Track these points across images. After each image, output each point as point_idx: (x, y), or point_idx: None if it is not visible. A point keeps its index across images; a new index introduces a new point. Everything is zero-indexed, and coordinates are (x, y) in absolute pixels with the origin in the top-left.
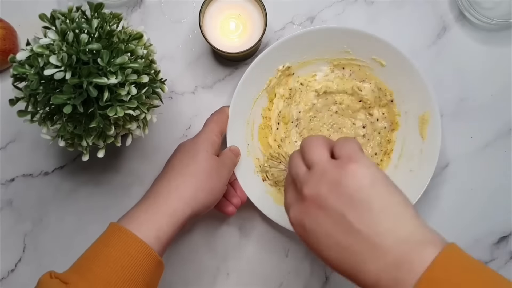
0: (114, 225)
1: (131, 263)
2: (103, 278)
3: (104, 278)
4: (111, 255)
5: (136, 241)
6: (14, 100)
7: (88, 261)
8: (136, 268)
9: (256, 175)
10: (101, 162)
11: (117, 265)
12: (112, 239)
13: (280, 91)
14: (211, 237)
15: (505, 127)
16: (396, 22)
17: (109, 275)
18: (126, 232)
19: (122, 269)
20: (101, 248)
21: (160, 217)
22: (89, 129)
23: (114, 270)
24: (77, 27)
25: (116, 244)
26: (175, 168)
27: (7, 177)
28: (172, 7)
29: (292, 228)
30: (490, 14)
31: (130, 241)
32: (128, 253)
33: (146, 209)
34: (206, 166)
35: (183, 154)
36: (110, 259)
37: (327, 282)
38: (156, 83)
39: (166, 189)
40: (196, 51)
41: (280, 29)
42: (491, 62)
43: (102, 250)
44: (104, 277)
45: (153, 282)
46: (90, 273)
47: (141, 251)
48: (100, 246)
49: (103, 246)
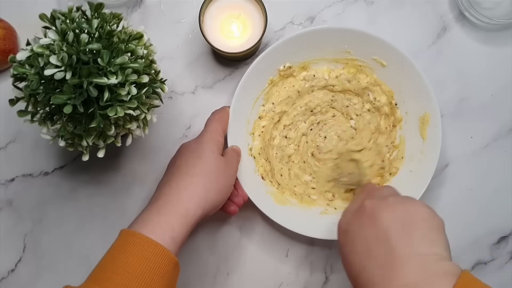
0: (126, 231)
1: (150, 267)
2: (123, 285)
3: (125, 285)
4: (129, 261)
5: (152, 244)
6: (14, 100)
7: (105, 270)
8: (155, 271)
9: (256, 175)
10: (101, 162)
11: (136, 270)
12: (127, 245)
13: (280, 91)
14: (211, 237)
15: (505, 127)
16: (396, 22)
17: (129, 282)
18: (141, 236)
19: (141, 274)
20: (117, 256)
21: (173, 218)
22: (89, 129)
23: (133, 276)
24: (77, 27)
25: (132, 250)
26: (181, 169)
27: (7, 177)
28: (172, 7)
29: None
30: (490, 14)
31: (146, 245)
32: (146, 257)
33: (158, 211)
34: (214, 166)
35: (188, 155)
36: (128, 266)
37: (327, 282)
38: (156, 83)
39: (175, 191)
40: (196, 51)
41: (280, 29)
42: (491, 62)
43: (119, 258)
44: (125, 284)
45: (171, 284)
46: (109, 282)
47: (158, 253)
48: (116, 254)
49: (119, 253)
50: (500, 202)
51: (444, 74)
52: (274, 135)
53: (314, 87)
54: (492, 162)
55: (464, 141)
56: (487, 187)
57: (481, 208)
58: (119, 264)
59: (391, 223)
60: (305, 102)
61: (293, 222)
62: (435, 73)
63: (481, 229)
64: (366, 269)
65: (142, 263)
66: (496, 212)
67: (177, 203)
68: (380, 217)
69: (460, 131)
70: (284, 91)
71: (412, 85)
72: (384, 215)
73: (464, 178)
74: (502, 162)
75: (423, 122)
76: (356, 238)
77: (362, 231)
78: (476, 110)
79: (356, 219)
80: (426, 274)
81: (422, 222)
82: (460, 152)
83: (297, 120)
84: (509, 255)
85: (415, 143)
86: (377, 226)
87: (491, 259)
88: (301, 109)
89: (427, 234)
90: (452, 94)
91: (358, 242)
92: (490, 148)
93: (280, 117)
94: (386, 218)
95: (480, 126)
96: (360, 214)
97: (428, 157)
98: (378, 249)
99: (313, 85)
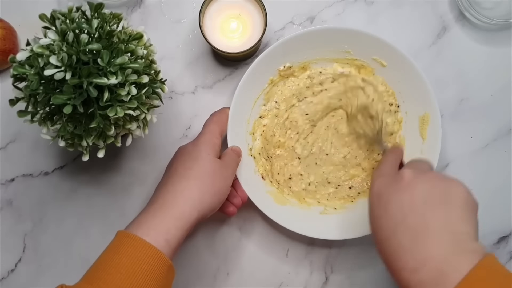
0: (122, 233)
1: (143, 269)
2: (115, 285)
3: (117, 285)
4: (122, 262)
5: (146, 246)
6: (14, 100)
7: (98, 270)
8: (148, 273)
9: (256, 175)
10: (101, 162)
11: (129, 271)
12: (121, 247)
13: (280, 91)
14: (211, 237)
15: (505, 127)
16: (396, 22)
17: (121, 282)
18: (135, 238)
19: (134, 275)
20: (111, 256)
21: (168, 221)
22: (89, 129)
23: (126, 277)
24: (77, 27)
25: (126, 251)
26: (178, 172)
27: (7, 177)
28: (172, 7)
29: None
30: (490, 14)
31: (140, 247)
32: (139, 259)
33: (153, 214)
34: (210, 169)
35: (185, 157)
36: (121, 266)
37: (327, 282)
38: (156, 83)
39: (172, 193)
40: (196, 51)
41: (280, 29)
42: (491, 62)
43: (112, 258)
44: (117, 284)
45: (165, 287)
46: (102, 282)
47: (152, 255)
48: (110, 255)
49: (113, 254)
50: (500, 202)
51: (444, 74)
52: (275, 135)
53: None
54: (492, 162)
55: (464, 141)
56: (487, 187)
57: (481, 208)
58: (113, 264)
59: (430, 196)
60: (307, 106)
61: (293, 222)
62: (435, 73)
63: (481, 229)
64: (397, 234)
65: (135, 264)
66: (496, 212)
67: (172, 206)
68: (420, 187)
69: (460, 131)
70: (287, 89)
71: (413, 85)
72: (424, 186)
73: (464, 178)
74: (502, 162)
75: (423, 122)
76: (390, 203)
77: (398, 197)
78: (476, 110)
79: (394, 184)
80: (454, 249)
81: (460, 201)
82: (460, 152)
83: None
84: (509, 255)
85: (415, 143)
86: (415, 195)
87: None
88: (302, 112)
89: (462, 213)
90: (452, 94)
91: (392, 207)
92: (490, 148)
93: (281, 118)
94: (425, 190)
95: (480, 126)
96: (398, 180)
97: (428, 157)
98: (412, 217)
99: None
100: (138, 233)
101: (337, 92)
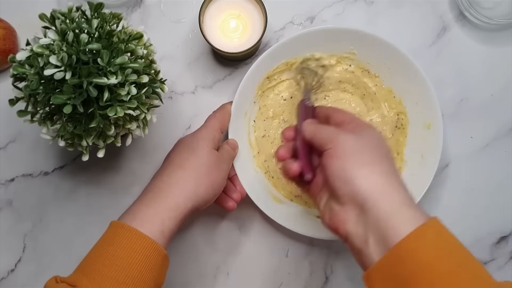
0: (116, 223)
1: (138, 260)
2: (111, 277)
3: (112, 277)
4: (117, 253)
5: (140, 237)
6: (14, 100)
7: (93, 261)
8: (143, 264)
9: (256, 172)
10: (101, 162)
11: (124, 262)
12: (116, 238)
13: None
14: (211, 237)
15: (505, 127)
16: (396, 22)
17: (117, 273)
18: (130, 229)
19: (129, 267)
20: (106, 248)
21: (162, 211)
22: (89, 129)
23: (121, 268)
24: (77, 27)
25: (120, 242)
26: (175, 162)
27: (7, 177)
28: (172, 7)
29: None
30: (490, 14)
31: (135, 238)
32: (134, 250)
33: (148, 204)
34: (206, 160)
35: (183, 148)
36: (116, 258)
37: (327, 282)
38: (156, 83)
39: (166, 184)
40: (196, 51)
41: (280, 29)
42: (491, 62)
43: (107, 249)
44: (112, 276)
45: (160, 277)
46: (97, 273)
47: (147, 246)
48: (105, 246)
49: (108, 245)
50: (500, 202)
51: (444, 74)
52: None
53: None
54: (492, 162)
55: (464, 141)
56: (487, 187)
57: (481, 208)
58: (108, 256)
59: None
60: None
61: (293, 222)
62: (435, 73)
63: (481, 229)
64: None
65: (131, 255)
66: (496, 212)
67: (167, 196)
68: (363, 128)
69: (460, 131)
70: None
71: (413, 86)
72: (365, 129)
73: (464, 178)
74: (502, 162)
75: (424, 124)
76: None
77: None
78: (476, 110)
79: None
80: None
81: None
82: (460, 152)
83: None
84: (509, 255)
85: (415, 145)
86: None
87: (491, 259)
88: None
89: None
90: (452, 94)
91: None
92: (490, 148)
93: (280, 117)
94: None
95: (480, 126)
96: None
97: (428, 158)
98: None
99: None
100: (132, 224)
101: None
